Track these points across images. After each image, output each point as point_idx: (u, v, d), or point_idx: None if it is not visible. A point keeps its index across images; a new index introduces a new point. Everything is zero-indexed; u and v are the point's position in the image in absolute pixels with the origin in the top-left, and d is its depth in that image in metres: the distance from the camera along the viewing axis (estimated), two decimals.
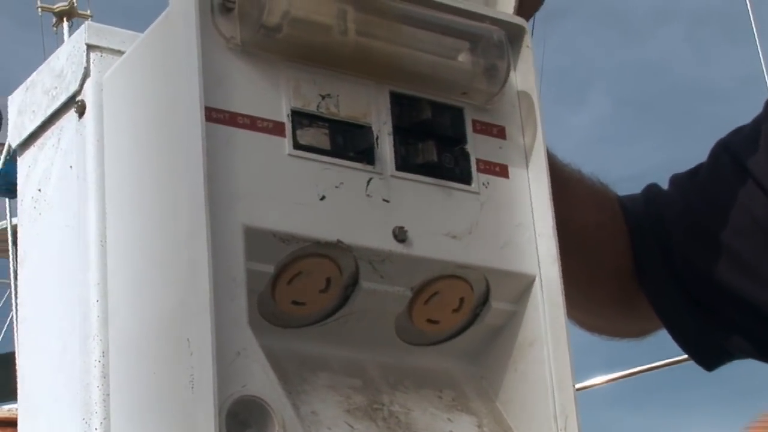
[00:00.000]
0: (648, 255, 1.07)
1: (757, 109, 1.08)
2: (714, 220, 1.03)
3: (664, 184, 1.12)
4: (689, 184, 1.08)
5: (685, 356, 1.10)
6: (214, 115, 0.69)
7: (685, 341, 1.08)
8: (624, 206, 1.09)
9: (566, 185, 1.02)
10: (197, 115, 0.67)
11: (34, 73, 0.82)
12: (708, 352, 1.08)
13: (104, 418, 0.72)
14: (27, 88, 0.82)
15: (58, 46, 0.84)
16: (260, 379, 0.66)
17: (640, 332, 1.14)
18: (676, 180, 1.10)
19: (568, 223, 0.81)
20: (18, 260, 0.82)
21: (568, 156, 1.08)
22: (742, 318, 1.04)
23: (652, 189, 1.11)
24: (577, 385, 0.77)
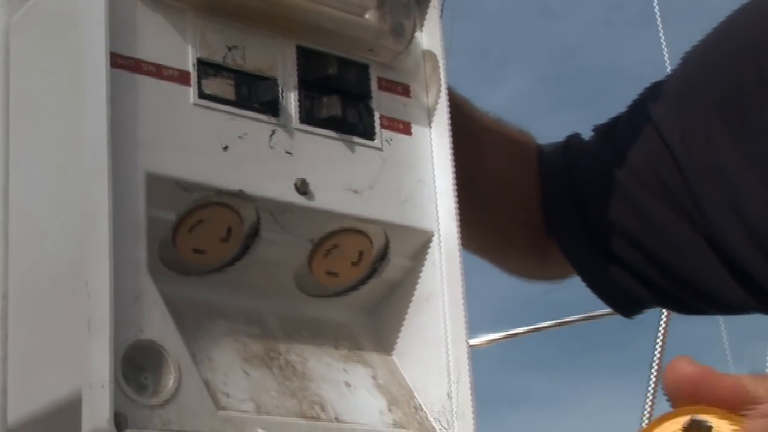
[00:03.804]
0: (560, 205, 1.07)
1: None
2: (624, 174, 1.03)
3: None
4: (605, 136, 1.08)
5: (574, 318, 1.10)
6: (119, 62, 0.67)
7: (599, 290, 1.08)
8: (541, 157, 1.09)
9: (482, 136, 1.02)
10: (102, 60, 0.65)
11: None
12: (623, 300, 1.08)
13: (2, 359, 0.70)
14: None
15: None
16: (157, 324, 0.65)
17: (559, 276, 1.14)
18: (596, 130, 1.09)
19: (481, 174, 0.80)
20: None
21: None
22: (648, 269, 1.04)
23: (572, 139, 1.10)
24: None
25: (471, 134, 0.76)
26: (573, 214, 1.05)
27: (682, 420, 0.55)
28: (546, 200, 1.07)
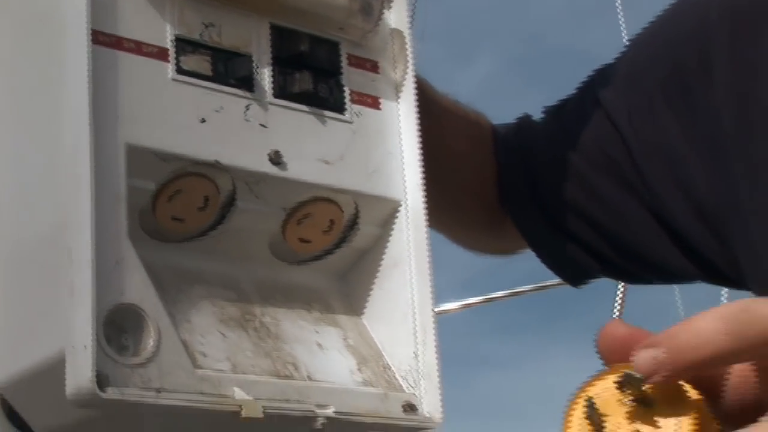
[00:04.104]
0: (514, 183, 1.09)
1: None
2: (574, 152, 1.05)
3: None
4: (555, 116, 1.10)
5: (533, 287, 1.13)
6: (100, 39, 0.68)
7: (550, 261, 1.11)
8: (496, 137, 1.11)
9: (441, 116, 1.04)
10: (84, 37, 0.67)
11: None
12: (572, 271, 1.11)
13: None
14: None
15: None
16: (138, 289, 0.66)
17: (512, 250, 1.17)
18: (547, 112, 1.12)
19: (440, 153, 0.82)
20: None
21: None
22: (596, 242, 1.07)
23: (523, 119, 1.12)
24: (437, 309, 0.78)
25: (431, 114, 0.78)
26: (526, 191, 1.08)
27: (616, 376, 0.56)
28: (501, 178, 1.10)
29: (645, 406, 0.55)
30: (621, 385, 0.56)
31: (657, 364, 0.55)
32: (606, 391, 0.56)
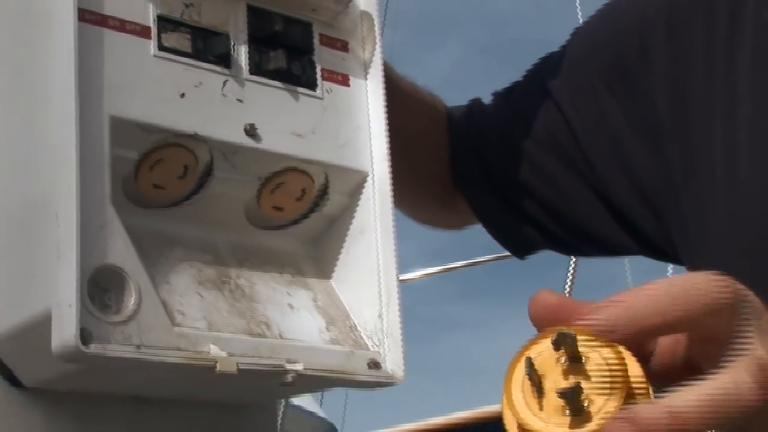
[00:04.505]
0: (466, 161, 1.13)
1: None
2: (522, 135, 1.08)
3: None
4: (504, 101, 1.13)
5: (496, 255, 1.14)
6: (87, 17, 0.70)
7: (498, 234, 1.14)
8: (450, 118, 1.14)
9: (401, 97, 1.07)
10: (71, 15, 0.69)
11: None
12: (517, 244, 1.15)
13: None
14: None
15: None
16: (120, 251, 0.69)
17: (461, 225, 1.21)
18: (496, 95, 1.15)
19: (400, 132, 0.85)
20: None
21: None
22: (542, 217, 1.10)
23: (475, 103, 1.16)
24: (401, 277, 0.81)
25: (393, 96, 0.81)
26: (477, 169, 1.11)
27: (550, 337, 0.59)
28: (454, 157, 1.13)
29: (579, 363, 0.58)
30: (556, 344, 0.58)
31: (612, 324, 0.57)
32: (545, 351, 0.59)
